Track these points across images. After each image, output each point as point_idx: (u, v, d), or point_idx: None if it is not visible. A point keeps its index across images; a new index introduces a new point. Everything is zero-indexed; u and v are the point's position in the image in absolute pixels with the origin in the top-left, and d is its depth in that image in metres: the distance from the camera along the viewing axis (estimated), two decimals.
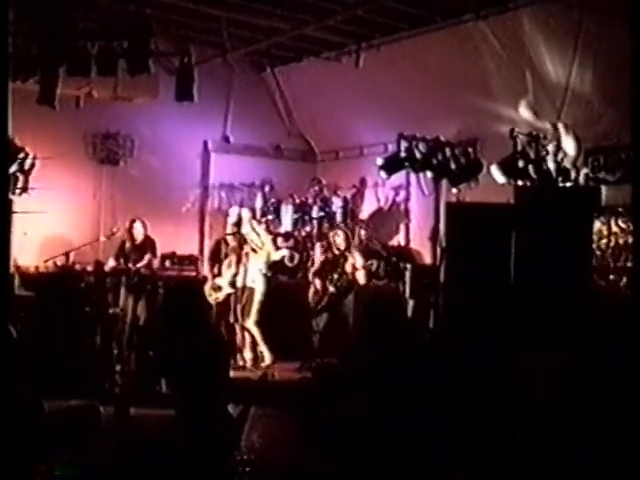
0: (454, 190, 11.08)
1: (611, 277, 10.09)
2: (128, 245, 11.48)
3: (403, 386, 4.53)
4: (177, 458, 4.89)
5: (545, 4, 10.61)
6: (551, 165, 10.59)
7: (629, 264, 9.78)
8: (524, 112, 11.55)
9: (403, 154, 10.67)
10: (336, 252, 10.62)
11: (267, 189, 14.36)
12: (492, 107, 11.95)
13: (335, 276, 10.42)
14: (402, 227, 14.05)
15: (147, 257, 11.38)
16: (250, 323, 10.41)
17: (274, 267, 11.40)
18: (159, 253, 11.64)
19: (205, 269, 11.58)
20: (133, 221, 11.55)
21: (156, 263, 11.55)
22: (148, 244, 11.50)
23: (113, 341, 9.78)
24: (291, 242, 13.09)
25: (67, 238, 12.01)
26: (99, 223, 13.46)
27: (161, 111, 13.25)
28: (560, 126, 10.93)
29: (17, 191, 10.84)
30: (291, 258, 12.58)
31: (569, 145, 10.72)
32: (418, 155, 10.64)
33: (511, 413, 5.28)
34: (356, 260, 10.63)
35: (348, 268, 10.44)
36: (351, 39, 12.82)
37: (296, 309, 10.96)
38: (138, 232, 11.48)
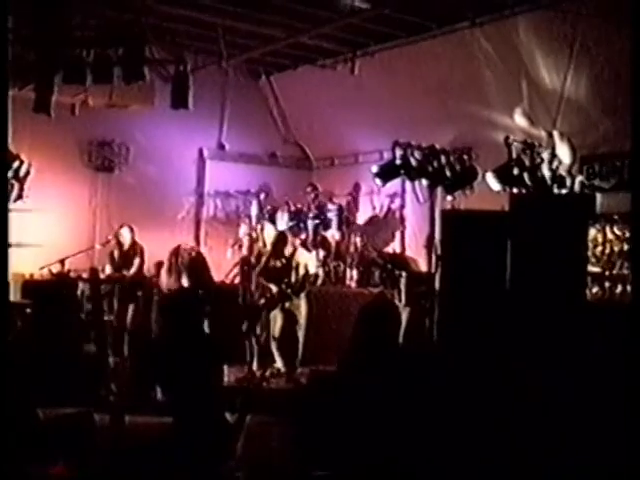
0: (449, 197, 11.07)
1: (606, 284, 10.10)
2: (116, 252, 11.56)
3: (400, 393, 4.53)
4: (173, 466, 4.88)
5: (540, 12, 10.63)
6: (546, 172, 10.61)
7: (624, 271, 9.78)
8: (519, 119, 11.57)
9: (398, 161, 10.67)
10: (286, 255, 10.43)
11: (262, 196, 14.36)
12: (487, 114, 11.98)
13: (292, 280, 10.23)
14: (397, 234, 14.05)
15: (136, 262, 11.44)
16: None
17: None
18: (147, 258, 11.68)
19: None
20: (120, 227, 11.67)
21: (147, 269, 11.59)
22: (137, 250, 11.56)
23: (108, 348, 9.77)
24: None
25: (62, 245, 11.98)
26: (94, 230, 13.47)
27: (156, 119, 13.26)
28: (555, 134, 10.96)
29: (12, 198, 10.86)
30: None
31: (564, 152, 10.74)
32: (413, 162, 10.64)
33: (507, 423, 5.28)
34: (308, 262, 10.49)
35: (301, 270, 10.30)
36: (346, 47, 12.85)
37: None
38: (125, 238, 11.57)
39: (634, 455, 4.60)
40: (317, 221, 13.38)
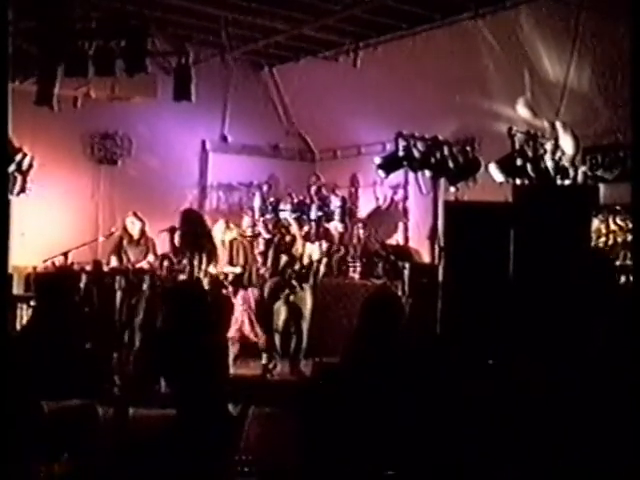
0: (452, 189, 11.08)
1: None
2: (125, 242, 11.40)
3: (403, 386, 4.53)
4: (177, 458, 4.88)
5: (543, 2, 10.62)
6: (549, 163, 10.61)
7: (628, 262, 9.77)
8: (522, 110, 11.55)
9: (401, 153, 10.68)
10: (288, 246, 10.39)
11: (265, 188, 14.35)
12: (490, 106, 11.96)
13: (296, 269, 10.18)
14: (400, 226, 14.05)
15: (150, 259, 11.30)
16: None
17: None
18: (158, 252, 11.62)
19: None
20: (127, 216, 11.46)
21: (154, 262, 11.51)
22: (149, 245, 11.42)
23: (112, 341, 9.76)
24: None
25: (65, 238, 11.97)
26: (97, 223, 13.45)
27: (159, 111, 13.23)
28: (558, 124, 10.93)
29: (15, 191, 10.86)
30: None
31: (567, 143, 10.72)
32: (416, 154, 10.65)
33: (510, 416, 5.28)
34: (312, 252, 10.44)
35: (305, 260, 10.24)
36: (349, 38, 12.81)
37: None
38: (134, 227, 11.38)
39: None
40: (320, 213, 13.38)
